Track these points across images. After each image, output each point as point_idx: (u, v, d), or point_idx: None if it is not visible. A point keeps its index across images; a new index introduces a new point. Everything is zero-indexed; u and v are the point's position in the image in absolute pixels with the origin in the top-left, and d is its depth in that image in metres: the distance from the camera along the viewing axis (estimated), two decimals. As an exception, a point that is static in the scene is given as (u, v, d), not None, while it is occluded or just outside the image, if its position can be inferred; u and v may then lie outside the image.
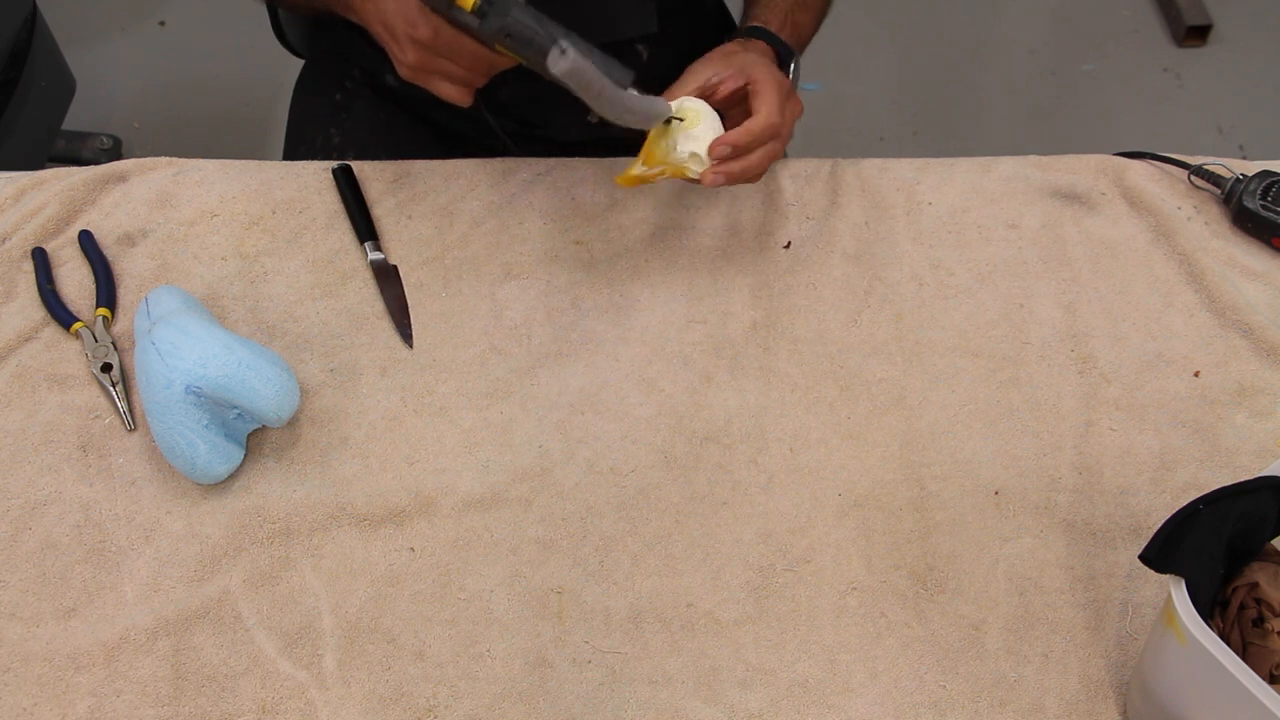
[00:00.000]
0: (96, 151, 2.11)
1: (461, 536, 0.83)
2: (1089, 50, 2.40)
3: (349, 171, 1.03)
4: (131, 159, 1.05)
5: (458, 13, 0.79)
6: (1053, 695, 0.76)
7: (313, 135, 1.21)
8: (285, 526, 0.83)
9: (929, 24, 2.45)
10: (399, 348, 0.93)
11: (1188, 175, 1.02)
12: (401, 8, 0.82)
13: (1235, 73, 2.35)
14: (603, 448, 0.87)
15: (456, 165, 1.04)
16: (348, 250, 0.99)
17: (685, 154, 0.88)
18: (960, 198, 1.02)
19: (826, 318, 0.94)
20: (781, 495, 0.85)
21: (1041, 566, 0.81)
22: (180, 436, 0.82)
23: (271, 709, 0.76)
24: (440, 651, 0.78)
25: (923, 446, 0.87)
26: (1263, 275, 0.97)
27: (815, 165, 1.05)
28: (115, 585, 0.81)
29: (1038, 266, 0.98)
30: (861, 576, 0.81)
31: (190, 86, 2.27)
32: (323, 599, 0.80)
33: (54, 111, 1.73)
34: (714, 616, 0.79)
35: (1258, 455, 0.86)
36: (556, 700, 0.76)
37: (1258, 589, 0.68)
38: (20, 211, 1.01)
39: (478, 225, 1.01)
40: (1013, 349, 0.93)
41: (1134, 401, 0.89)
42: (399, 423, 0.89)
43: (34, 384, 0.91)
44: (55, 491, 0.85)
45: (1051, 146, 1.09)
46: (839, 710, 0.75)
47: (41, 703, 0.76)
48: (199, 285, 0.96)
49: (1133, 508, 0.84)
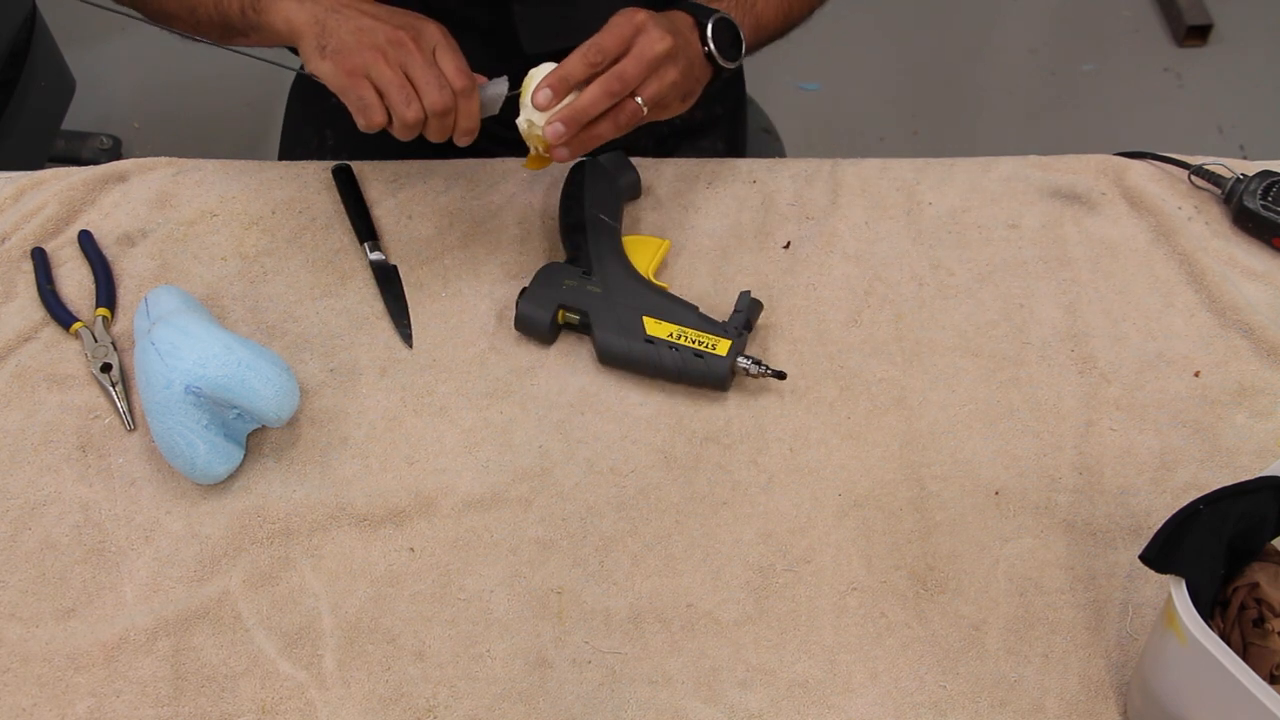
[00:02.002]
0: (96, 151, 2.11)
1: (461, 536, 0.83)
2: (1089, 50, 2.40)
3: (349, 171, 1.03)
4: (131, 159, 1.05)
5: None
6: (1053, 695, 0.76)
7: (308, 136, 1.21)
8: (285, 526, 0.83)
9: (929, 24, 2.45)
10: (399, 348, 0.93)
11: (1188, 175, 1.02)
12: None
13: (1235, 73, 2.35)
14: (603, 448, 0.87)
15: (456, 165, 1.04)
16: (348, 250, 0.99)
17: (524, 124, 0.86)
18: (960, 198, 1.02)
19: (826, 318, 0.94)
20: (781, 495, 0.85)
21: (1041, 566, 0.81)
22: (180, 436, 0.82)
23: (271, 709, 0.76)
24: (440, 651, 0.78)
25: (923, 446, 0.87)
26: (1263, 275, 0.97)
27: (815, 165, 1.05)
28: (115, 585, 0.81)
29: (1038, 266, 0.98)
30: (861, 577, 0.81)
31: (190, 86, 2.27)
32: (323, 599, 0.80)
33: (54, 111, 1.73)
34: (714, 616, 0.79)
35: (1258, 455, 0.86)
36: (556, 700, 0.76)
37: (1258, 589, 0.68)
38: (20, 211, 1.01)
39: (478, 225, 1.01)
40: (1013, 349, 0.93)
41: (1134, 401, 0.89)
42: (399, 423, 0.89)
43: (34, 384, 0.91)
44: (55, 491, 0.85)
45: (1051, 146, 1.09)
46: (839, 710, 0.75)
47: (41, 703, 0.76)
48: (199, 285, 0.96)
49: (1133, 508, 0.84)
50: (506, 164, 1.04)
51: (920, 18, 2.45)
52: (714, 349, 0.88)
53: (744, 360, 0.88)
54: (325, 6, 0.86)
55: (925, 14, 2.46)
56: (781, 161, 1.06)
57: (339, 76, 0.84)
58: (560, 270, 0.93)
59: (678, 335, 0.89)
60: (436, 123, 0.85)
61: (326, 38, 0.85)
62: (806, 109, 2.28)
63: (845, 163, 1.05)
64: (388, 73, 0.83)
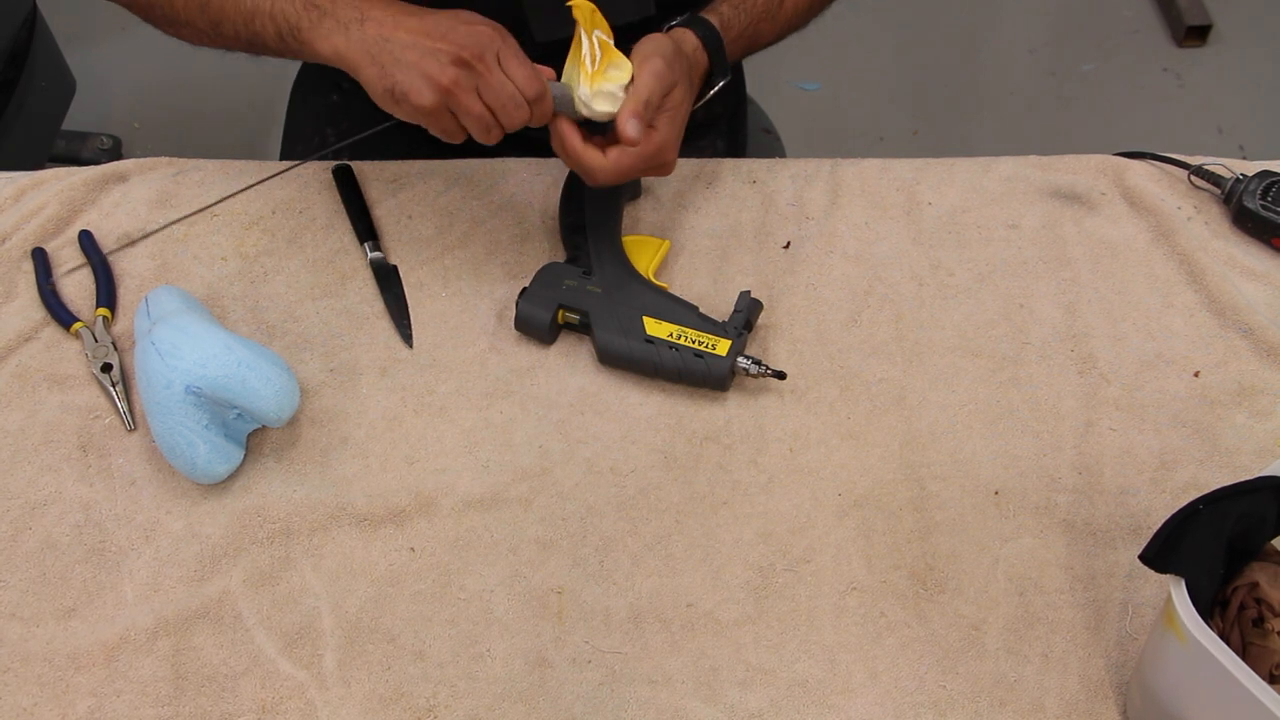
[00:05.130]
0: (96, 151, 2.11)
1: (461, 536, 0.83)
2: (1089, 50, 2.40)
3: (349, 171, 1.03)
4: (131, 159, 1.05)
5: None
6: (1053, 695, 0.76)
7: (309, 135, 1.21)
8: (285, 526, 0.83)
9: (929, 24, 2.44)
10: (399, 348, 0.93)
11: (1188, 175, 1.02)
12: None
13: (1235, 73, 2.35)
14: (603, 448, 0.87)
15: (456, 165, 1.04)
16: (348, 250, 0.99)
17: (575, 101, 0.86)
18: (960, 198, 1.02)
19: (826, 318, 0.94)
20: (781, 495, 0.85)
21: (1041, 566, 0.81)
22: (180, 436, 0.82)
23: (271, 709, 0.76)
24: (440, 651, 0.78)
25: (923, 446, 0.87)
26: (1263, 275, 0.97)
27: (815, 165, 1.05)
28: (115, 585, 0.81)
29: (1038, 266, 0.98)
30: (861, 576, 0.81)
31: (190, 86, 2.27)
32: (323, 599, 0.80)
33: (54, 111, 1.73)
34: (714, 616, 0.79)
35: (1258, 455, 0.86)
36: (556, 700, 0.76)
37: (1258, 589, 0.68)
38: (20, 211, 1.01)
39: (478, 225, 1.01)
40: (1013, 349, 0.93)
41: (1134, 401, 0.89)
42: (399, 423, 0.89)
43: (34, 384, 0.91)
44: (55, 491, 0.85)
45: (1051, 146, 1.09)
46: (839, 710, 0.75)
47: (41, 703, 0.76)
48: (199, 285, 0.96)
49: (1133, 508, 0.84)
50: (506, 164, 1.05)
51: (920, 18, 2.45)
52: (714, 349, 0.88)
53: (744, 360, 0.88)
54: (371, 33, 0.84)
55: (925, 14, 2.46)
56: (781, 161, 1.06)
57: (417, 117, 0.83)
58: (560, 270, 0.93)
59: (678, 335, 0.89)
60: (513, 129, 0.85)
61: (389, 78, 0.82)
62: (806, 109, 2.28)
63: (845, 163, 1.05)
64: (464, 103, 0.82)
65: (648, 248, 0.96)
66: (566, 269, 0.93)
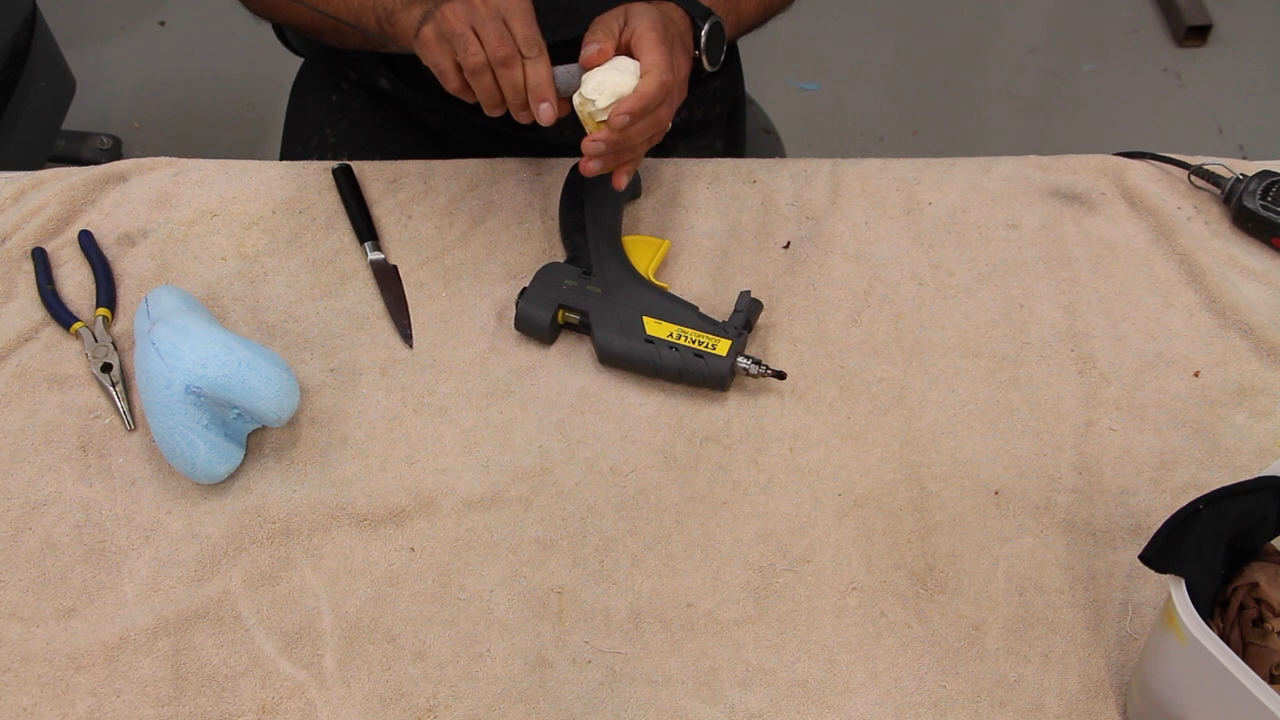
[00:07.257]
0: (96, 151, 2.11)
1: (461, 536, 0.83)
2: (1089, 50, 2.40)
3: (349, 171, 1.03)
4: (131, 159, 1.05)
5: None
6: (1053, 695, 0.76)
7: (309, 135, 1.21)
8: (285, 526, 0.83)
9: (929, 24, 2.44)
10: (399, 348, 0.93)
11: (1188, 175, 1.02)
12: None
13: (1235, 73, 2.35)
14: (603, 448, 0.87)
15: (456, 165, 1.04)
16: (348, 250, 0.99)
17: (577, 100, 0.86)
18: (960, 198, 1.02)
19: (826, 318, 0.94)
20: (781, 495, 0.85)
21: (1041, 566, 0.81)
22: (180, 436, 0.82)
23: (271, 709, 0.76)
24: (440, 651, 0.78)
25: (923, 446, 0.87)
26: (1263, 275, 0.97)
27: (815, 165, 1.05)
28: (115, 585, 0.81)
29: (1038, 266, 0.98)
30: (861, 576, 0.81)
31: (190, 86, 2.27)
32: (323, 599, 0.80)
33: (54, 111, 1.73)
34: (714, 616, 0.79)
35: (1258, 455, 0.86)
36: (556, 700, 0.76)
37: (1258, 589, 0.68)
38: (20, 211, 1.01)
39: (478, 225, 1.01)
40: (1013, 349, 0.93)
41: (1134, 401, 0.89)
42: (399, 423, 0.89)
43: (34, 384, 0.91)
44: (55, 491, 0.85)
45: (1051, 146, 1.09)
46: (839, 710, 0.75)
47: (41, 703, 0.76)
48: (199, 285, 0.96)
49: (1133, 508, 0.84)
50: (506, 164, 1.05)
51: (920, 18, 2.45)
52: (714, 349, 0.88)
53: (744, 360, 0.88)
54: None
55: (925, 14, 2.45)
56: (781, 161, 1.06)
57: (424, 50, 0.86)
58: (560, 270, 0.93)
59: (678, 335, 0.89)
60: (505, 77, 0.84)
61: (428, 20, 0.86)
62: (806, 109, 2.28)
63: (845, 163, 1.05)
64: (455, 27, 0.84)
65: (648, 248, 0.96)
66: (566, 269, 0.93)
